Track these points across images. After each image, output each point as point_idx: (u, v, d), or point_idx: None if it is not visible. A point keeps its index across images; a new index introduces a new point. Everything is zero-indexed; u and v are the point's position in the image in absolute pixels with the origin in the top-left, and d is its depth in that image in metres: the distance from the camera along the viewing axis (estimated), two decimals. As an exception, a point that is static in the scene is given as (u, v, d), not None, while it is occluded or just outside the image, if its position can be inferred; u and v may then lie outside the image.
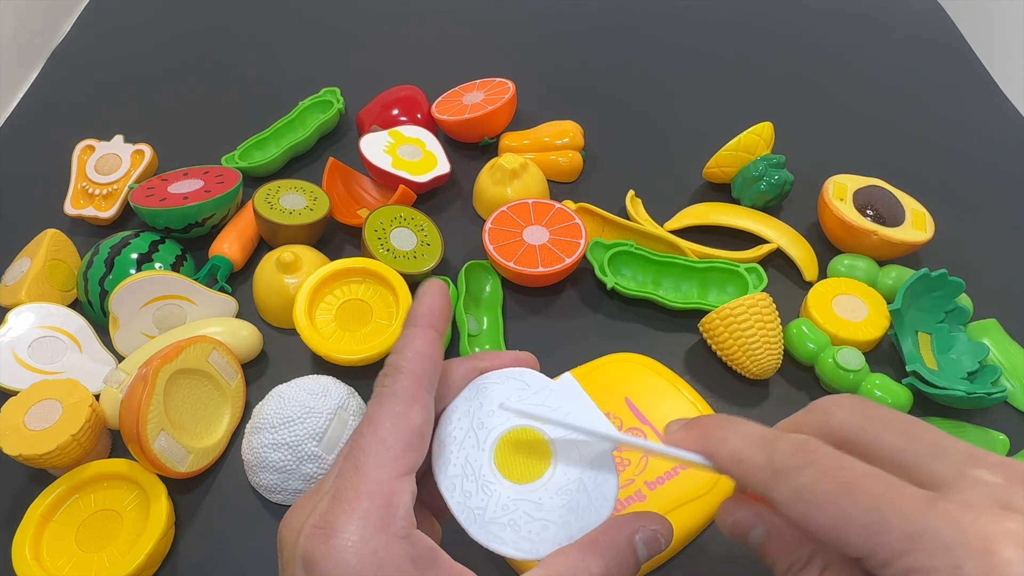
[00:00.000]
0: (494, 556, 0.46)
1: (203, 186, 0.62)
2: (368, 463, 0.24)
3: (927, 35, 0.89)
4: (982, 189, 0.70)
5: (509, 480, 0.27)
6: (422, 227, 0.62)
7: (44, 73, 0.85)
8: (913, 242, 0.58)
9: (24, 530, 0.45)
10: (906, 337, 0.54)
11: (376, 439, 0.25)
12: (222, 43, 0.88)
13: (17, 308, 0.55)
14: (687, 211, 0.66)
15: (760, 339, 0.52)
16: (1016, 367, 0.55)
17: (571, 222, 0.60)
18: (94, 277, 0.57)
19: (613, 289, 0.58)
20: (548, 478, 0.28)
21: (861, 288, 0.57)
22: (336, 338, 0.54)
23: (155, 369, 0.46)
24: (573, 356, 0.55)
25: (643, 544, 0.27)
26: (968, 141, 0.75)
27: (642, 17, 0.91)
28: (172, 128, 0.76)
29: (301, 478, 0.47)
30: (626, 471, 0.48)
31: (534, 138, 0.70)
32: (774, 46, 0.87)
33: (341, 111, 0.75)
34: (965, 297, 0.57)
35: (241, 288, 0.62)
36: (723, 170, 0.66)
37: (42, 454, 0.45)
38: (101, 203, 0.66)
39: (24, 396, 0.48)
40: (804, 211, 0.67)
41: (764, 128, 0.65)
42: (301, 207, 0.62)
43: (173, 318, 0.56)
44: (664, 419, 0.51)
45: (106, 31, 0.91)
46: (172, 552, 0.47)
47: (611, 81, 0.82)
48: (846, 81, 0.82)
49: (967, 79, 0.83)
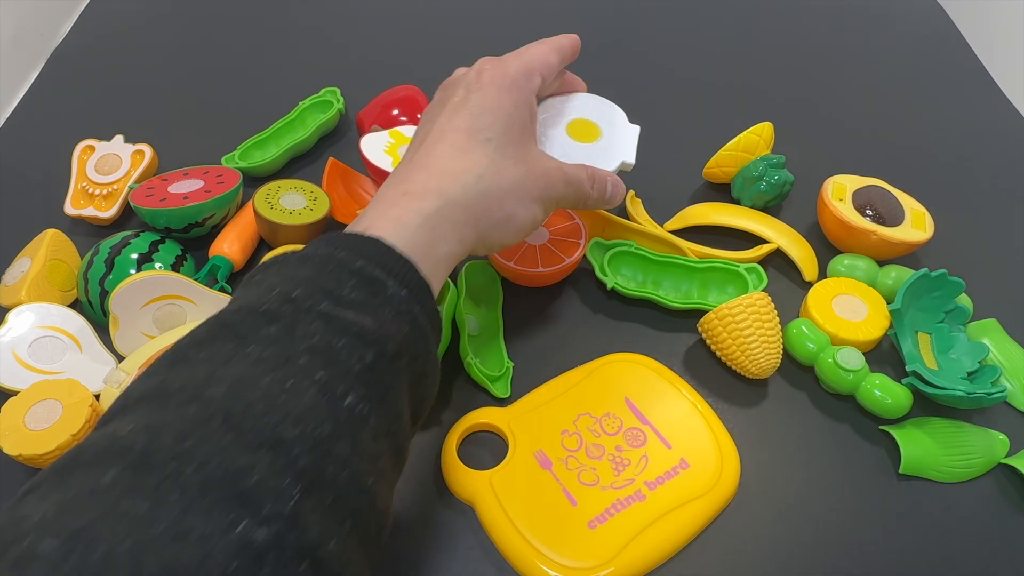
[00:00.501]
0: (495, 560, 0.46)
1: (203, 186, 0.62)
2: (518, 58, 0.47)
3: (927, 35, 0.89)
4: (982, 189, 0.70)
5: (574, 139, 0.54)
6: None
7: (44, 73, 0.85)
8: (913, 242, 0.58)
9: (24, 530, 0.45)
10: (906, 337, 0.54)
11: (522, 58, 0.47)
12: (222, 43, 0.88)
13: (17, 308, 0.55)
14: (687, 211, 0.66)
15: (759, 339, 0.52)
16: (1016, 367, 0.55)
17: (571, 222, 0.60)
18: (94, 277, 0.57)
19: (613, 289, 0.58)
20: (594, 143, 0.54)
21: (861, 288, 0.57)
22: (336, 338, 0.54)
23: (155, 369, 0.46)
24: (573, 356, 0.55)
25: (590, 178, 0.49)
26: (968, 141, 0.75)
27: (642, 18, 0.91)
28: (172, 128, 0.76)
29: (301, 478, 0.47)
30: (626, 471, 0.48)
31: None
32: (773, 46, 0.87)
33: (341, 111, 0.75)
34: (965, 297, 0.57)
35: (241, 288, 0.62)
36: (723, 170, 0.66)
37: (42, 454, 0.45)
38: (101, 203, 0.66)
39: (24, 396, 0.48)
40: (804, 211, 0.67)
41: (764, 128, 0.65)
42: (301, 207, 0.62)
43: (173, 318, 0.56)
44: (664, 419, 0.51)
45: (106, 31, 0.91)
46: (172, 552, 0.47)
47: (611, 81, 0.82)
48: (845, 81, 0.82)
49: (967, 79, 0.83)
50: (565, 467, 0.48)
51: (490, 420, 0.51)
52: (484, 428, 0.52)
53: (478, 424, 0.51)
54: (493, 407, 0.52)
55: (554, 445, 0.49)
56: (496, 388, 0.54)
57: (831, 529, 0.48)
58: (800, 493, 0.49)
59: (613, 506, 0.46)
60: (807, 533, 0.48)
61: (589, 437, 0.50)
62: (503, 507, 0.46)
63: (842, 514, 0.48)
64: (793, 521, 0.48)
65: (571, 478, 0.48)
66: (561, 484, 0.47)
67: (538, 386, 0.53)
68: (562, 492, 0.47)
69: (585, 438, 0.50)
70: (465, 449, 0.51)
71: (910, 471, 0.50)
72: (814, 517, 0.48)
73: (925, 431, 0.51)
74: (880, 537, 0.47)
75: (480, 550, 0.47)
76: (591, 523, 0.46)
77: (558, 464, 0.48)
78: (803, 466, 0.51)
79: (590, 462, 0.49)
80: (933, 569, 0.46)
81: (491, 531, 0.47)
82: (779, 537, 0.47)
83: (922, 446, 0.50)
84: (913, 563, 0.46)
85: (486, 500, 0.47)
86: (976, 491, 0.50)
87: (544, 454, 0.49)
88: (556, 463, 0.49)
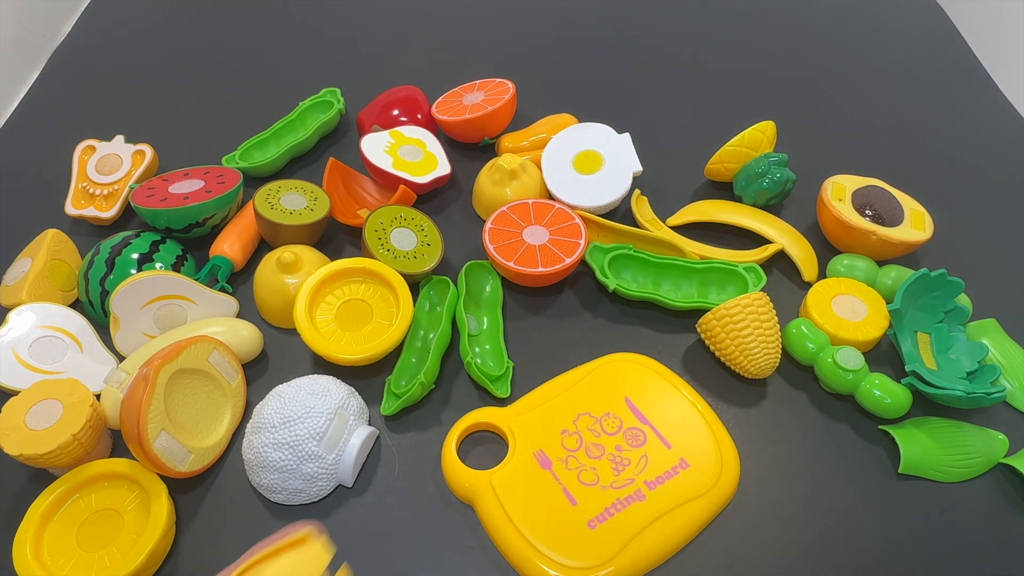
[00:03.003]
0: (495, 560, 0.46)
1: (204, 186, 0.62)
2: None
3: (927, 35, 0.89)
4: (981, 189, 0.70)
5: (583, 174, 0.64)
6: (422, 227, 0.62)
7: (44, 73, 0.85)
8: (912, 242, 0.58)
9: (25, 530, 0.45)
10: (905, 337, 0.54)
11: None
12: (223, 43, 0.88)
13: (18, 308, 0.56)
14: (689, 208, 0.66)
15: (757, 339, 0.52)
16: (1015, 367, 0.55)
17: (571, 222, 0.60)
18: (95, 277, 0.57)
19: (615, 291, 0.58)
20: (603, 169, 0.64)
21: (860, 288, 0.57)
22: (336, 338, 0.54)
23: (156, 369, 0.46)
24: (573, 356, 0.55)
25: None
26: (968, 141, 0.75)
27: (643, 18, 0.91)
28: (173, 128, 0.76)
29: (301, 477, 0.47)
30: (626, 470, 0.48)
31: (533, 138, 0.70)
32: (773, 48, 0.87)
33: (341, 111, 0.75)
34: (964, 297, 0.57)
35: (241, 288, 0.62)
36: (726, 166, 0.66)
37: (43, 454, 0.45)
38: (102, 203, 0.66)
39: (25, 396, 0.48)
40: (803, 211, 0.67)
41: (767, 126, 0.65)
42: (301, 207, 0.62)
43: (174, 318, 0.56)
44: (664, 419, 0.51)
45: (106, 31, 0.91)
46: (172, 552, 0.47)
47: (612, 81, 0.82)
48: (846, 81, 0.82)
49: (967, 79, 0.83)
50: (565, 467, 0.48)
51: (490, 420, 0.51)
52: (484, 428, 0.52)
53: (478, 424, 0.51)
54: (493, 407, 0.52)
55: (554, 445, 0.50)
56: (496, 388, 0.54)
57: (831, 528, 0.48)
58: (799, 493, 0.49)
59: (613, 506, 0.46)
60: (807, 532, 0.48)
61: (589, 437, 0.50)
62: (503, 507, 0.46)
63: (841, 513, 0.48)
64: (793, 521, 0.48)
65: (571, 478, 0.48)
66: (561, 484, 0.48)
67: (538, 386, 0.54)
68: (562, 492, 0.47)
69: (585, 438, 0.50)
70: (465, 449, 0.51)
71: (909, 471, 0.50)
72: (814, 517, 0.48)
73: (925, 431, 0.51)
74: (879, 536, 0.47)
75: (480, 550, 0.47)
76: (591, 523, 0.46)
77: (558, 464, 0.49)
78: (803, 466, 0.51)
79: (590, 462, 0.49)
80: (932, 568, 0.46)
81: (491, 531, 0.47)
82: (779, 536, 0.47)
83: (922, 446, 0.50)
84: (912, 562, 0.46)
85: (486, 500, 0.47)
86: (975, 491, 0.50)
87: (544, 454, 0.49)
88: (556, 463, 0.49)
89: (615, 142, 0.65)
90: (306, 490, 0.48)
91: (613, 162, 0.64)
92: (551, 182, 0.64)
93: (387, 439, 0.52)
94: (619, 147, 0.65)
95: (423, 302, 0.59)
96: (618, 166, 0.64)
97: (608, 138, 0.66)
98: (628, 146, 0.65)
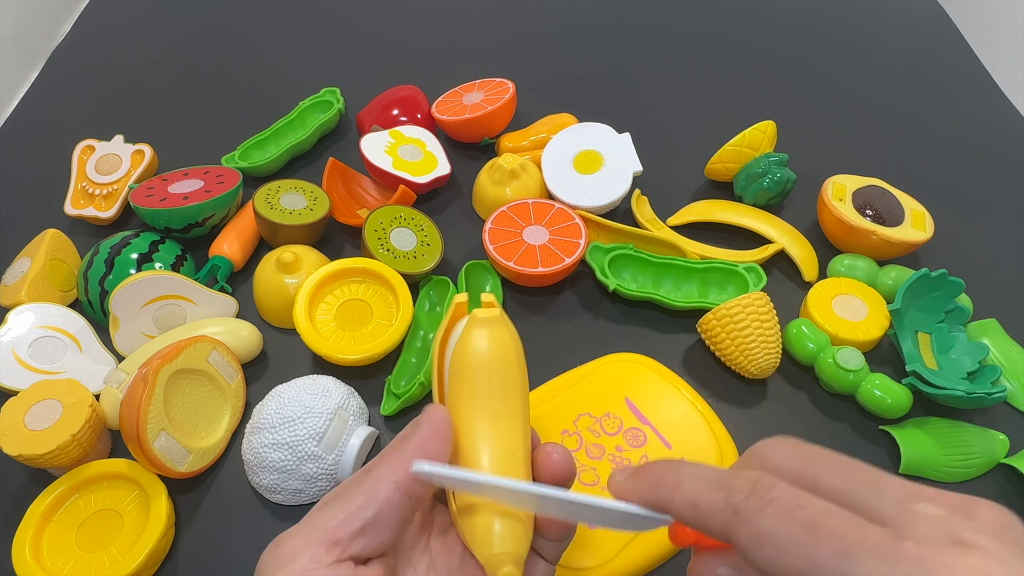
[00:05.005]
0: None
1: (203, 186, 0.62)
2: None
3: (927, 35, 0.89)
4: (982, 189, 0.70)
5: (583, 173, 0.63)
6: (422, 227, 0.62)
7: (44, 73, 0.85)
8: (912, 242, 0.58)
9: (24, 530, 0.45)
10: (906, 337, 0.54)
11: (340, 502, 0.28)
12: (222, 43, 0.88)
13: (17, 308, 0.56)
14: (690, 207, 0.66)
15: (757, 339, 0.52)
16: (1016, 367, 0.55)
17: (571, 222, 0.60)
18: (94, 277, 0.57)
19: (615, 291, 0.58)
20: (603, 169, 0.63)
21: (861, 288, 0.57)
22: (336, 338, 0.54)
23: (155, 369, 0.46)
24: (573, 356, 0.55)
25: None
26: (968, 141, 0.75)
27: (643, 18, 0.91)
28: (172, 128, 0.76)
29: (301, 478, 0.47)
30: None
31: (533, 137, 0.70)
32: (773, 47, 0.87)
33: (341, 111, 0.75)
34: (965, 297, 0.57)
35: (241, 288, 0.62)
36: (726, 166, 0.66)
37: (42, 454, 0.45)
38: (101, 203, 0.66)
39: (24, 396, 0.48)
40: (803, 211, 0.67)
41: (768, 126, 0.65)
42: (301, 207, 0.62)
43: (173, 318, 0.56)
44: (664, 419, 0.51)
45: (106, 31, 0.91)
46: (172, 552, 0.47)
47: (612, 81, 0.82)
48: (846, 81, 0.82)
49: (967, 79, 0.83)
50: (565, 467, 0.48)
51: (490, 420, 0.51)
52: (484, 428, 0.52)
53: (478, 424, 0.51)
54: (493, 407, 0.52)
55: (554, 445, 0.49)
56: (496, 388, 0.53)
57: (831, 529, 0.48)
58: (800, 493, 0.49)
59: (613, 506, 0.46)
60: (807, 533, 0.47)
61: (589, 437, 0.50)
62: (503, 507, 0.46)
63: (842, 514, 0.48)
64: (793, 521, 0.48)
65: (571, 478, 0.48)
66: (561, 484, 0.47)
67: (538, 386, 0.53)
68: (562, 492, 0.47)
69: (585, 438, 0.50)
70: (465, 449, 0.51)
71: (910, 471, 0.49)
72: (814, 517, 0.48)
73: (925, 431, 0.51)
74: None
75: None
76: (591, 523, 0.46)
77: (558, 464, 0.48)
78: (803, 466, 0.51)
79: (590, 462, 0.49)
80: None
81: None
82: (779, 537, 0.47)
83: (922, 446, 0.50)
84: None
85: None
86: (976, 491, 0.50)
87: (544, 454, 0.49)
88: (556, 463, 0.48)
89: (615, 142, 0.65)
90: (306, 490, 0.48)
91: (613, 162, 0.64)
92: (551, 182, 0.64)
93: (387, 439, 0.52)
94: (619, 147, 0.65)
95: (423, 302, 0.59)
96: (618, 166, 0.64)
97: (608, 138, 0.66)
98: (628, 146, 0.65)
